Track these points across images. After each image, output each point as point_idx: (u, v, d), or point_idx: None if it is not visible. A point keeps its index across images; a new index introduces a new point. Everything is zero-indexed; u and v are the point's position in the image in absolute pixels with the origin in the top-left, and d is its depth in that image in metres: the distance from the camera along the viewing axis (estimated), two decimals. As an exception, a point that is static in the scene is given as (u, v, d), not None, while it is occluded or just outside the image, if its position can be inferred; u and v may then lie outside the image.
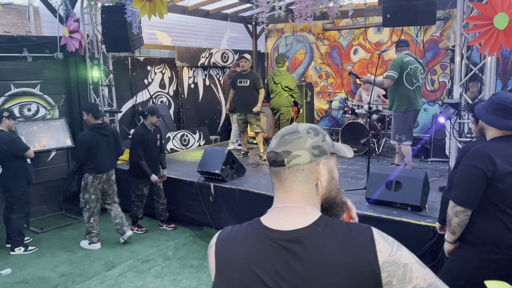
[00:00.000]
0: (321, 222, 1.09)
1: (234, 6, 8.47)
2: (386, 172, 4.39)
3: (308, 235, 1.06)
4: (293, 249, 1.05)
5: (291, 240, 1.06)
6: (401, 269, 1.03)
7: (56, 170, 6.40)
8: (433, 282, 1.04)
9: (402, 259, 1.05)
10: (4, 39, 5.93)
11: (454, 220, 2.27)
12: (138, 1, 4.36)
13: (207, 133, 8.78)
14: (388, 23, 4.43)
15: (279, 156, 1.13)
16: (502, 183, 2.15)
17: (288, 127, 1.18)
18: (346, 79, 8.80)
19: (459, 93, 4.28)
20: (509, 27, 3.51)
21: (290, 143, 1.13)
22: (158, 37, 8.78)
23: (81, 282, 4.24)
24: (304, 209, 1.12)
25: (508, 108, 2.20)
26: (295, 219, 1.10)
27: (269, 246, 1.08)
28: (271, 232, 1.09)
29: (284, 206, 1.13)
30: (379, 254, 1.04)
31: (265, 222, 1.13)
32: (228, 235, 1.18)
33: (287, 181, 1.14)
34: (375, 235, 1.08)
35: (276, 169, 1.14)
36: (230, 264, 1.11)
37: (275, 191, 1.17)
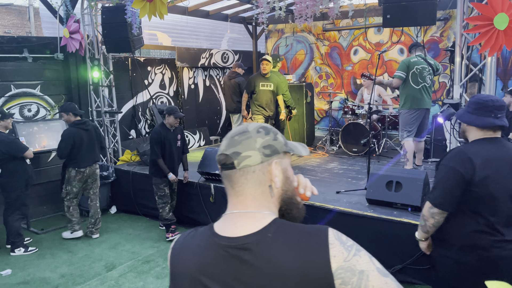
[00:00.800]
0: (272, 227, 1.03)
1: (234, 6, 8.47)
2: (386, 172, 4.39)
3: (257, 241, 1.00)
4: (241, 256, 1.00)
5: (239, 247, 1.01)
6: (356, 276, 0.95)
7: (56, 170, 6.40)
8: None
9: (358, 265, 0.97)
10: (5, 39, 5.94)
11: (430, 221, 2.26)
12: (139, 2, 4.37)
13: (207, 134, 8.78)
14: (388, 24, 4.43)
15: (229, 158, 1.07)
16: (479, 187, 2.11)
17: (238, 128, 1.12)
18: (346, 79, 8.80)
19: (459, 93, 4.28)
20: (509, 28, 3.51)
21: (239, 144, 1.07)
22: (158, 38, 8.78)
23: (81, 283, 4.24)
24: (255, 213, 1.06)
25: (487, 106, 2.17)
26: (245, 225, 1.04)
27: (218, 254, 1.03)
28: (220, 239, 1.04)
29: (235, 212, 1.08)
30: (333, 260, 0.96)
31: (216, 228, 1.08)
32: (182, 240, 1.13)
33: (238, 185, 1.07)
34: (330, 238, 1.00)
35: (227, 172, 1.08)
36: (181, 271, 1.08)
37: (228, 196, 1.11)
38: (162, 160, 5.07)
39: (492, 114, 2.17)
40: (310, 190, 1.22)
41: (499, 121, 2.17)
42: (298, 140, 7.89)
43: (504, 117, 2.21)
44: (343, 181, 5.46)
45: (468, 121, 2.26)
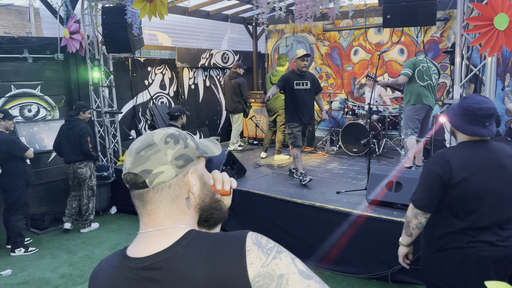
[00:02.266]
0: (183, 241, 0.95)
1: (235, 7, 8.48)
2: (386, 172, 4.39)
3: (166, 259, 0.93)
4: (151, 277, 0.92)
5: (147, 267, 0.93)
6: (275, 282, 0.88)
7: (56, 171, 6.40)
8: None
9: (277, 269, 0.90)
10: (5, 40, 5.94)
11: (413, 221, 2.29)
12: (139, 2, 4.37)
13: (208, 134, 8.78)
14: (388, 24, 4.43)
15: (139, 178, 0.97)
16: (455, 189, 2.14)
17: (141, 140, 1.01)
18: (346, 79, 8.80)
19: (459, 93, 4.28)
20: (510, 28, 3.51)
21: (148, 160, 0.97)
22: (158, 38, 8.78)
23: (81, 283, 4.24)
24: (167, 229, 0.98)
25: (475, 115, 2.16)
26: (154, 244, 0.96)
27: (128, 278, 0.95)
28: (128, 261, 0.97)
29: (145, 231, 1.00)
30: (250, 268, 0.89)
31: (127, 250, 1.00)
32: (98, 267, 1.06)
33: (152, 203, 0.99)
34: (247, 244, 0.92)
35: (139, 192, 0.99)
36: None
37: (139, 215, 1.03)
38: None
39: (480, 123, 2.17)
40: (228, 184, 1.14)
41: (485, 130, 2.16)
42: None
43: (492, 125, 2.20)
44: (343, 181, 5.46)
45: (455, 125, 2.28)
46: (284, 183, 5.47)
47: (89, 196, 5.61)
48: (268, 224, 4.74)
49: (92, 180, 5.59)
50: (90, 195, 5.62)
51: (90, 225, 5.67)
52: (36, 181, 5.99)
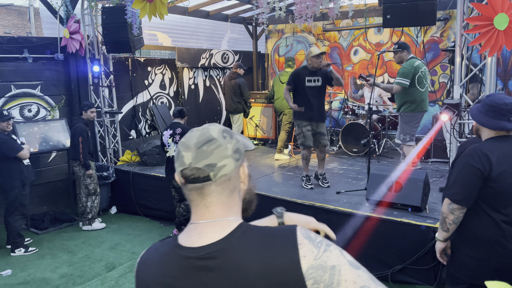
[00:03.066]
0: (237, 232, 0.99)
1: (235, 7, 8.48)
2: (386, 172, 4.39)
3: (222, 250, 0.96)
4: (206, 266, 0.96)
5: (203, 257, 0.97)
6: (328, 273, 0.93)
7: (56, 171, 6.41)
8: (365, 285, 0.93)
9: (329, 261, 0.94)
10: (5, 40, 5.94)
11: (449, 217, 2.30)
12: (139, 2, 4.37)
13: (208, 134, 8.77)
14: (389, 24, 4.43)
15: (202, 172, 0.99)
16: (495, 182, 2.18)
17: (197, 135, 1.03)
18: (346, 79, 8.80)
19: (459, 93, 4.28)
20: (509, 28, 3.52)
21: (211, 155, 1.00)
22: (158, 38, 8.78)
23: (81, 283, 4.24)
24: (222, 221, 1.01)
25: (500, 110, 2.23)
26: (209, 234, 1.00)
27: (183, 266, 0.99)
28: (183, 250, 1.00)
29: (200, 222, 1.03)
30: (303, 260, 0.93)
31: (180, 240, 1.04)
32: (147, 253, 1.09)
33: (212, 195, 1.02)
34: (299, 238, 0.96)
35: (198, 185, 1.01)
36: (144, 285, 1.05)
37: (194, 208, 1.05)
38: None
39: (505, 118, 2.22)
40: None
41: (511, 124, 2.22)
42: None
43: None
44: (343, 181, 5.46)
45: (481, 122, 2.32)
46: (284, 183, 5.47)
47: (86, 194, 5.60)
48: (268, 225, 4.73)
49: (87, 179, 5.57)
50: (86, 194, 5.61)
51: (90, 224, 5.66)
52: (36, 181, 5.98)
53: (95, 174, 5.72)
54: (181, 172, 1.02)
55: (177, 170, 1.04)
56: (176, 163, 1.04)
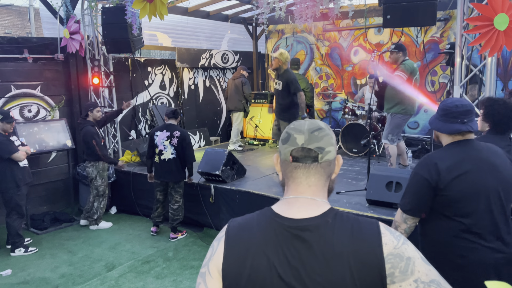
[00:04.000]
0: (331, 213, 1.13)
1: (235, 7, 8.48)
2: (386, 173, 4.39)
3: (317, 225, 1.11)
4: (302, 236, 1.09)
5: (301, 228, 1.10)
6: (404, 262, 1.07)
7: (56, 171, 6.41)
8: (435, 279, 1.07)
9: (406, 252, 1.08)
10: (5, 40, 5.94)
11: (402, 226, 2.25)
12: (139, 2, 4.37)
13: (208, 134, 8.78)
14: (389, 24, 4.43)
15: (313, 152, 1.15)
16: (446, 190, 2.11)
17: (307, 123, 1.19)
18: (346, 80, 8.80)
19: (459, 94, 4.28)
20: (510, 28, 3.52)
21: (321, 140, 1.16)
22: (158, 38, 8.78)
23: (81, 283, 4.24)
24: (317, 201, 1.16)
25: (451, 112, 2.17)
26: (307, 210, 1.14)
27: (280, 233, 1.11)
28: (282, 220, 1.13)
29: (299, 197, 1.17)
30: (384, 247, 1.08)
31: (277, 210, 1.16)
32: (240, 223, 1.21)
33: (315, 176, 1.17)
34: (381, 228, 1.12)
35: (306, 164, 1.16)
36: (243, 249, 1.14)
37: (295, 185, 1.18)
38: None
39: (458, 120, 2.16)
40: None
41: (465, 126, 2.16)
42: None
43: (472, 121, 2.19)
44: (343, 182, 5.46)
45: (436, 127, 2.27)
46: (284, 183, 5.46)
47: (94, 195, 5.64)
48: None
49: (98, 180, 5.61)
50: (95, 195, 5.64)
51: (96, 224, 5.70)
52: (36, 181, 5.99)
53: (106, 176, 5.74)
54: (292, 151, 1.17)
55: (287, 150, 1.17)
56: (285, 144, 1.18)
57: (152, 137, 5.23)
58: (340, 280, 1.06)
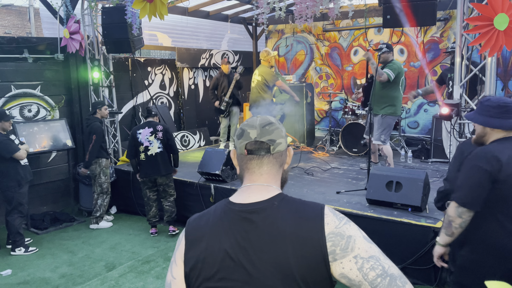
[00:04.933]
0: (278, 197, 1.22)
1: (235, 7, 8.48)
2: (386, 172, 4.39)
3: (264, 207, 1.19)
4: (250, 218, 1.18)
5: (249, 211, 1.19)
6: (345, 240, 1.14)
7: (56, 171, 6.40)
8: (374, 255, 1.13)
9: (347, 231, 1.15)
10: (5, 40, 5.94)
11: (456, 221, 2.22)
12: (139, 2, 4.37)
13: (208, 134, 8.78)
14: (389, 24, 4.44)
15: (265, 145, 1.25)
16: (505, 184, 2.11)
17: (258, 119, 1.29)
18: (346, 80, 8.80)
19: (459, 93, 4.28)
20: (510, 28, 3.52)
21: (272, 133, 1.26)
22: (158, 38, 8.78)
23: (81, 283, 4.24)
24: (268, 187, 1.25)
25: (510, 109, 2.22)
26: (256, 195, 1.23)
27: (232, 218, 1.21)
28: (234, 205, 1.23)
29: (252, 185, 1.26)
30: (326, 226, 1.15)
31: (231, 199, 1.26)
32: (199, 214, 1.31)
33: (267, 166, 1.26)
34: (325, 210, 1.19)
35: (259, 156, 1.26)
36: (199, 235, 1.23)
37: (249, 175, 1.28)
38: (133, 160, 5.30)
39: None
40: None
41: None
42: (298, 139, 7.90)
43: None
44: (343, 181, 5.46)
45: (492, 125, 2.27)
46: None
47: (98, 193, 5.68)
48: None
49: (102, 177, 5.64)
50: (99, 192, 5.68)
51: (97, 222, 5.72)
52: (36, 181, 5.99)
53: (109, 173, 5.76)
54: (246, 145, 1.26)
55: (241, 144, 1.27)
56: (240, 139, 1.28)
57: (134, 136, 5.25)
58: (283, 257, 1.13)
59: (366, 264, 1.12)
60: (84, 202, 6.27)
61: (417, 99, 6.84)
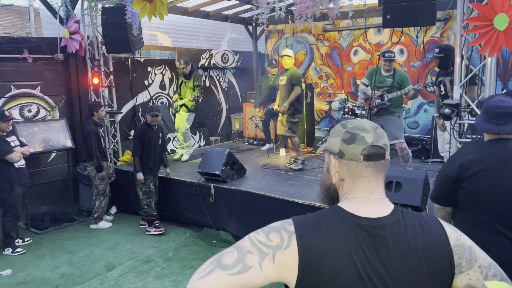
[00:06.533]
0: (398, 210, 1.17)
1: (234, 7, 8.48)
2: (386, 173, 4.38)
3: (392, 223, 1.13)
4: (381, 234, 1.11)
5: (379, 227, 1.12)
6: (467, 251, 1.14)
7: (56, 171, 6.40)
8: (491, 262, 1.16)
9: (466, 242, 1.16)
10: (5, 40, 5.94)
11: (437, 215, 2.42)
12: (139, 2, 4.37)
13: (207, 134, 8.78)
14: (388, 24, 4.43)
15: (382, 150, 1.17)
16: (466, 183, 2.24)
17: (365, 121, 1.21)
18: (346, 80, 8.80)
19: (459, 94, 4.28)
20: (509, 28, 3.51)
21: (384, 136, 1.19)
22: (158, 38, 8.79)
23: (81, 283, 4.24)
24: (384, 200, 1.19)
25: (490, 113, 2.26)
26: (379, 209, 1.16)
27: (359, 233, 1.11)
28: (360, 219, 1.13)
29: (369, 196, 1.17)
30: (450, 239, 1.14)
31: (350, 210, 1.15)
32: (309, 221, 1.15)
33: (382, 174, 1.19)
34: (442, 222, 1.18)
35: (376, 162, 1.17)
36: (319, 250, 1.08)
37: (364, 184, 1.17)
38: (138, 158, 5.38)
39: (494, 121, 2.25)
40: None
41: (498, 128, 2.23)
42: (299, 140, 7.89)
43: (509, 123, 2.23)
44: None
45: (476, 124, 2.41)
46: (284, 183, 5.47)
47: (95, 194, 5.70)
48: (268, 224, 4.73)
49: (97, 179, 5.65)
50: (96, 194, 5.70)
51: (96, 223, 5.74)
52: (36, 181, 5.99)
53: (106, 176, 5.76)
54: (362, 150, 1.16)
55: (357, 149, 1.16)
56: (352, 143, 1.17)
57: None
58: (417, 274, 1.09)
59: (489, 272, 1.13)
60: (84, 202, 6.27)
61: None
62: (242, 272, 1.05)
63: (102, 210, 5.75)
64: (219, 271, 1.06)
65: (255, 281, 1.06)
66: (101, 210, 5.73)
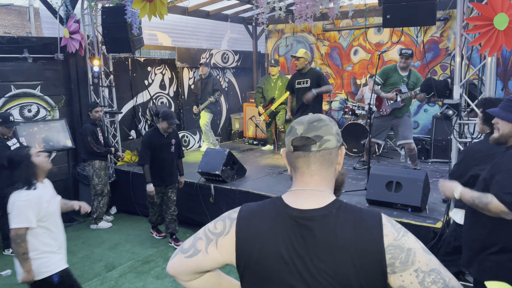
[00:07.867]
0: (335, 204, 1.20)
1: (235, 7, 8.48)
2: (386, 173, 4.39)
3: (322, 215, 1.17)
4: (308, 226, 1.16)
5: (308, 218, 1.17)
6: (405, 253, 1.12)
7: (56, 171, 6.39)
8: (435, 268, 1.11)
9: (406, 244, 1.13)
10: (5, 40, 5.94)
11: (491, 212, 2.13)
12: (139, 2, 4.37)
13: (208, 134, 8.76)
14: (388, 24, 4.43)
15: (311, 141, 1.20)
16: None
17: (309, 116, 1.25)
18: (346, 79, 8.80)
19: (459, 93, 4.28)
20: (509, 28, 3.51)
21: (320, 129, 1.21)
22: (158, 38, 8.78)
23: (81, 283, 4.23)
24: (323, 192, 1.22)
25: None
26: (313, 201, 1.20)
27: (288, 222, 1.18)
28: (290, 210, 1.20)
29: (306, 188, 1.22)
30: (385, 238, 1.13)
31: (286, 200, 1.23)
32: (252, 208, 1.27)
33: (316, 165, 1.21)
34: (383, 220, 1.17)
35: (305, 153, 1.21)
36: (252, 234, 1.21)
37: (299, 175, 1.24)
38: (148, 166, 4.84)
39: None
40: None
41: None
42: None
43: None
44: (343, 182, 5.46)
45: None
46: (284, 183, 5.47)
47: (93, 194, 5.71)
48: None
49: (95, 179, 5.66)
50: (94, 194, 5.71)
51: (96, 223, 5.75)
52: (36, 181, 5.98)
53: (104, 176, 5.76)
54: (292, 141, 1.22)
55: (289, 140, 1.23)
56: (288, 135, 1.25)
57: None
58: (342, 268, 1.12)
59: (428, 278, 1.10)
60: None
61: None
62: (193, 255, 1.26)
63: (101, 210, 5.75)
64: (179, 254, 1.29)
65: (205, 263, 1.26)
66: (100, 210, 5.73)
